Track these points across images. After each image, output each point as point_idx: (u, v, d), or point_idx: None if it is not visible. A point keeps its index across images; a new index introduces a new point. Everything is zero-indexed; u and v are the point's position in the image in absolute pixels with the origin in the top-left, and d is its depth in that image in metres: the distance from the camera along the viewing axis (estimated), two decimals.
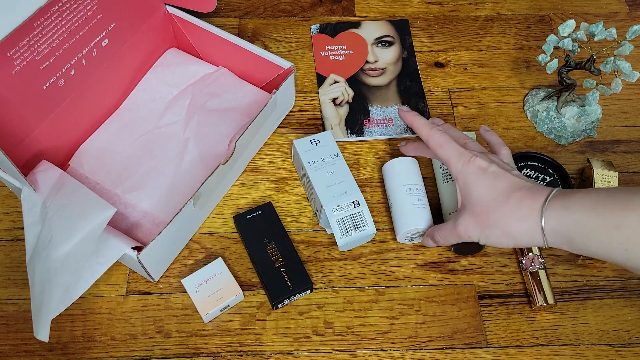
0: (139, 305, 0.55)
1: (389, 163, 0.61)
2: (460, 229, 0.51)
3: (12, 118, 0.54)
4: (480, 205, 0.49)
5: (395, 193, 0.59)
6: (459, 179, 0.51)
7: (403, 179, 0.59)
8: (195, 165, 0.62)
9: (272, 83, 0.66)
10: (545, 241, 0.45)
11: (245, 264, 0.58)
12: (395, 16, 0.78)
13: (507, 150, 0.55)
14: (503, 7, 0.80)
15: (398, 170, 0.60)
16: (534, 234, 0.46)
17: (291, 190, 0.63)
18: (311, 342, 0.54)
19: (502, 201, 0.47)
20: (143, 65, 0.68)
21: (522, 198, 0.47)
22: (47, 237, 0.50)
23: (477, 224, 0.49)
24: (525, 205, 0.46)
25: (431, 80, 0.72)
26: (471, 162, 0.50)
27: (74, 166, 0.62)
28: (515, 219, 0.47)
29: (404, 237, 0.58)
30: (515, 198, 0.47)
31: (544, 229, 0.45)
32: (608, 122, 0.69)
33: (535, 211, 0.45)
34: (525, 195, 0.47)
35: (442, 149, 0.52)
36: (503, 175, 0.49)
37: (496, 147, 0.56)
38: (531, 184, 0.48)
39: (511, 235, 0.47)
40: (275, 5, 0.79)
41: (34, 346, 0.53)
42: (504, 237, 0.48)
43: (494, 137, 0.57)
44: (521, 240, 0.47)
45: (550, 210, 0.45)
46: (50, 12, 0.51)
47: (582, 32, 0.61)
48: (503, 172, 0.49)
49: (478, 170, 0.49)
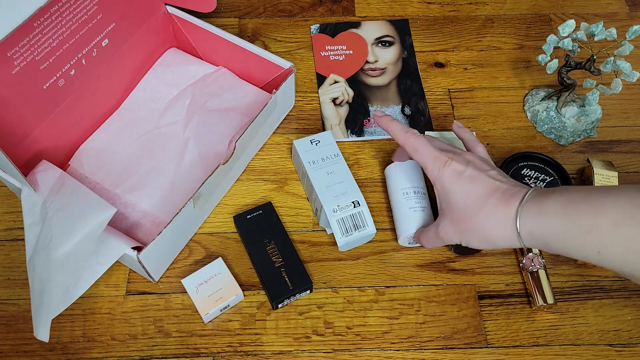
0: (139, 305, 0.55)
1: (388, 167, 0.61)
2: (442, 234, 0.51)
3: (12, 118, 0.54)
4: (458, 211, 0.49)
5: (393, 197, 0.59)
6: (436, 184, 0.51)
7: (401, 182, 0.59)
8: (195, 165, 0.62)
9: (272, 83, 0.66)
10: (523, 244, 0.46)
11: (245, 264, 0.58)
12: (395, 16, 0.78)
13: (482, 148, 0.54)
14: (503, 7, 0.80)
15: (396, 174, 0.60)
16: (511, 239, 0.46)
17: (291, 190, 0.63)
18: (311, 342, 0.54)
19: (478, 207, 0.47)
20: (143, 65, 0.68)
21: (497, 203, 0.46)
22: (47, 237, 0.50)
23: (457, 230, 0.49)
24: (501, 210, 0.46)
25: (431, 80, 0.72)
26: (447, 165, 0.49)
27: (74, 166, 0.62)
28: (492, 225, 0.47)
29: (406, 241, 0.58)
30: (491, 203, 0.47)
31: (520, 233, 0.45)
32: (608, 122, 0.69)
33: (510, 216, 0.45)
34: (500, 200, 0.46)
35: (418, 154, 0.51)
36: (479, 178, 0.48)
37: (470, 144, 0.55)
38: (506, 186, 0.47)
39: (490, 240, 0.47)
40: (275, 5, 0.79)
41: (34, 346, 0.53)
42: (483, 241, 0.48)
43: (467, 134, 0.56)
44: (500, 244, 0.47)
45: (524, 215, 0.45)
46: (50, 12, 0.51)
47: (582, 32, 0.61)
48: (479, 174, 0.48)
49: (454, 175, 0.49)
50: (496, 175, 0.49)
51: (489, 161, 0.53)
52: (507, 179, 0.49)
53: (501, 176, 0.49)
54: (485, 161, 0.51)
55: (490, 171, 0.50)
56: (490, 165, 0.51)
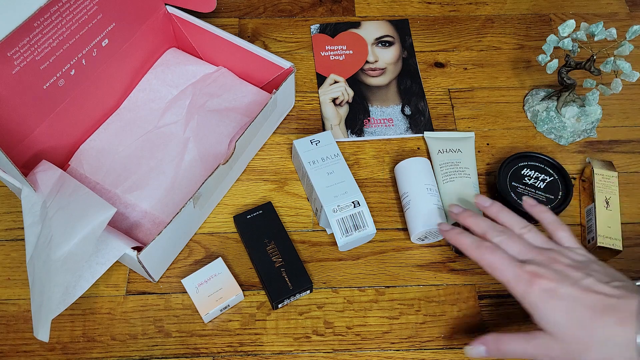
0: (139, 305, 0.55)
1: (407, 161, 0.61)
2: (542, 350, 0.45)
3: (12, 118, 0.54)
4: (561, 331, 0.44)
5: (415, 192, 0.59)
6: (524, 302, 0.45)
7: (423, 178, 0.59)
8: (195, 165, 0.62)
9: (272, 83, 0.66)
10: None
11: (245, 264, 0.58)
12: (395, 16, 0.78)
13: (565, 232, 0.49)
14: (503, 7, 0.80)
15: (419, 169, 0.60)
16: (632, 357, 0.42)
17: (291, 190, 0.63)
18: (311, 342, 0.54)
19: (587, 330, 0.42)
20: (143, 65, 0.68)
21: (611, 326, 0.42)
22: (47, 237, 0.50)
23: (563, 351, 0.44)
24: (617, 335, 0.42)
25: (431, 80, 0.72)
26: (534, 285, 0.44)
27: (74, 166, 0.62)
28: (608, 353, 0.42)
29: (419, 236, 0.58)
30: (604, 327, 0.42)
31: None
32: (608, 122, 0.69)
33: (631, 344, 0.41)
34: (614, 323, 0.42)
35: (497, 272, 0.47)
36: (577, 297, 0.43)
37: (550, 227, 0.50)
38: (614, 301, 0.42)
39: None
40: (275, 5, 0.79)
41: (34, 346, 0.53)
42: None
43: (545, 215, 0.51)
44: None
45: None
46: (50, 12, 0.51)
47: (582, 32, 0.61)
48: (574, 291, 0.43)
49: (545, 294, 0.44)
50: (594, 284, 0.44)
51: (575, 251, 0.48)
52: (607, 286, 0.44)
53: (600, 283, 0.44)
54: (576, 262, 0.46)
55: (586, 280, 0.44)
56: (581, 264, 0.46)
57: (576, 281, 0.44)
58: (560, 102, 0.66)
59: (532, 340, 0.45)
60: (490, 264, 0.47)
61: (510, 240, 0.48)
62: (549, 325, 0.44)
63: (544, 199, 0.59)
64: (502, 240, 0.48)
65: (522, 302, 0.46)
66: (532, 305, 0.45)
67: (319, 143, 0.60)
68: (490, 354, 0.48)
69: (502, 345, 0.47)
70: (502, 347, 0.47)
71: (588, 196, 0.61)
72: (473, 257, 0.49)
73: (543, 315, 0.44)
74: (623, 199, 0.63)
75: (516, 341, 0.46)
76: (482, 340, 0.48)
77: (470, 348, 0.49)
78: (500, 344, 0.47)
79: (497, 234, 0.49)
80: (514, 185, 0.60)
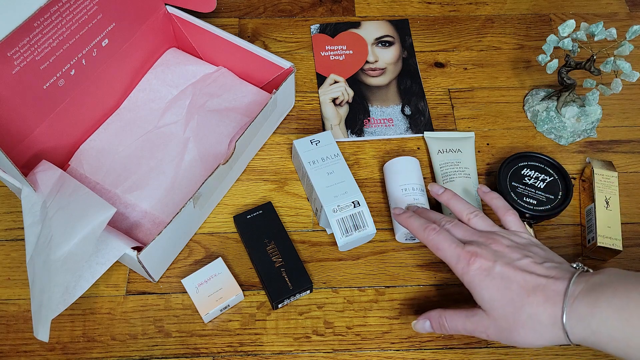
0: (139, 305, 0.55)
1: (388, 163, 0.61)
2: (478, 327, 0.47)
3: (12, 118, 0.54)
4: (495, 309, 0.45)
5: (392, 193, 0.59)
6: (463, 281, 0.48)
7: (400, 179, 0.59)
8: (195, 165, 0.62)
9: (272, 83, 0.66)
10: (573, 344, 0.43)
11: (245, 264, 0.58)
12: (395, 16, 0.78)
13: (512, 216, 0.51)
14: (503, 7, 0.80)
15: (395, 170, 0.60)
16: (560, 340, 0.43)
17: (291, 190, 0.63)
18: (311, 342, 0.54)
19: (517, 307, 0.44)
20: (143, 65, 0.68)
21: (538, 304, 0.43)
22: (47, 237, 0.50)
23: (497, 328, 0.46)
24: (544, 313, 0.43)
25: (431, 80, 0.72)
26: (471, 264, 0.46)
27: (74, 166, 0.62)
28: (537, 329, 0.43)
29: (404, 237, 0.58)
30: (532, 305, 0.43)
31: (570, 338, 0.42)
32: (608, 122, 0.69)
33: (557, 320, 0.42)
34: (542, 302, 0.43)
35: (440, 252, 0.49)
36: (510, 276, 0.45)
37: (499, 212, 0.52)
38: (544, 280, 0.44)
39: (536, 344, 0.44)
40: (275, 5, 0.79)
41: (34, 346, 0.53)
42: (528, 345, 0.45)
43: (495, 201, 0.53)
44: (548, 345, 0.44)
45: (574, 322, 0.42)
46: (50, 12, 0.51)
47: (582, 32, 0.61)
48: (509, 270, 0.45)
49: (481, 273, 0.46)
50: (529, 264, 0.45)
51: (518, 234, 0.50)
52: (542, 266, 0.45)
53: (534, 264, 0.45)
54: (516, 244, 0.48)
55: (522, 260, 0.46)
56: (520, 246, 0.48)
57: (512, 261, 0.46)
58: (560, 102, 0.66)
59: (471, 317, 0.47)
60: (435, 244, 0.49)
61: (456, 226, 0.51)
62: (483, 302, 0.46)
63: (544, 199, 0.59)
64: (449, 227, 0.51)
65: (462, 281, 0.48)
66: (470, 284, 0.47)
67: (319, 143, 0.60)
68: (435, 329, 0.50)
69: (445, 321, 0.49)
70: (445, 323, 0.49)
71: (588, 196, 0.61)
72: (420, 238, 0.51)
73: (478, 293, 0.46)
74: (623, 199, 0.63)
75: (457, 317, 0.48)
76: (427, 315, 0.51)
77: (416, 322, 0.52)
78: (443, 319, 0.49)
79: (445, 222, 0.52)
80: (514, 185, 0.60)
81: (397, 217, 0.55)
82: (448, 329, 0.49)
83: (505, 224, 0.52)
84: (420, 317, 0.51)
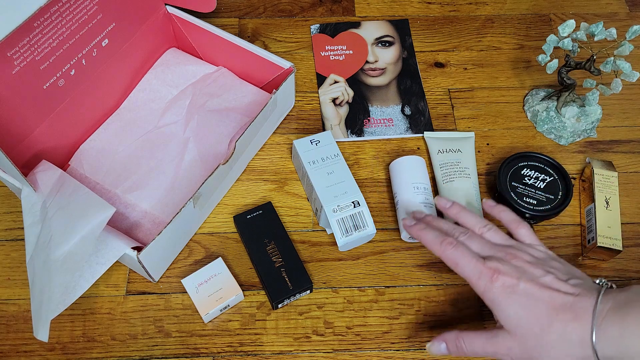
0: (139, 305, 0.55)
1: (398, 160, 0.61)
2: (501, 349, 0.45)
3: (12, 118, 0.54)
4: (520, 327, 0.44)
5: (401, 192, 0.59)
6: (485, 298, 0.46)
7: (411, 176, 0.59)
8: (195, 165, 0.62)
9: (272, 83, 0.66)
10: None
11: (245, 264, 0.58)
12: (395, 16, 0.78)
13: (525, 229, 0.50)
14: (503, 7, 0.80)
15: (406, 168, 0.60)
16: (589, 358, 0.42)
17: (291, 190, 0.63)
18: (311, 342, 0.54)
19: (544, 327, 0.43)
20: (143, 65, 0.68)
21: (566, 322, 0.42)
22: (47, 237, 0.50)
23: (521, 348, 0.44)
24: (572, 331, 0.42)
25: (431, 80, 0.72)
26: (494, 281, 0.44)
27: (74, 166, 0.62)
28: (565, 348, 0.42)
29: (408, 236, 0.58)
30: (559, 324, 0.42)
31: (599, 356, 0.41)
32: (608, 122, 0.69)
33: (586, 339, 0.41)
34: (570, 320, 0.42)
35: (459, 268, 0.47)
36: (536, 293, 0.44)
37: (510, 226, 0.51)
38: (571, 299, 0.43)
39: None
40: (275, 5, 0.79)
41: (34, 346, 0.53)
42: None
43: (504, 214, 0.52)
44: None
45: (603, 339, 0.41)
46: (50, 12, 0.51)
47: (582, 32, 0.61)
48: (534, 288, 0.44)
49: (505, 291, 0.44)
50: (553, 281, 0.44)
51: (535, 247, 0.48)
52: (567, 284, 0.44)
53: (558, 281, 0.44)
54: (536, 259, 0.47)
55: (545, 277, 0.45)
56: (541, 261, 0.46)
57: (535, 278, 0.45)
58: (560, 102, 0.66)
59: (493, 338, 0.45)
60: (453, 259, 0.47)
61: (471, 238, 0.49)
62: (508, 320, 0.44)
63: (544, 199, 0.59)
64: (464, 240, 0.49)
65: (483, 298, 0.46)
66: (493, 302, 0.45)
67: (319, 143, 0.60)
68: (451, 351, 0.48)
69: (463, 343, 0.47)
70: (463, 346, 0.47)
71: (588, 196, 0.61)
72: (436, 252, 0.49)
73: (503, 311, 0.44)
74: (623, 199, 0.63)
75: (477, 340, 0.46)
76: (443, 337, 0.48)
77: (431, 344, 0.49)
78: (461, 342, 0.47)
79: (459, 233, 0.50)
80: (514, 185, 0.60)
81: (409, 229, 0.52)
82: (466, 352, 0.47)
83: (518, 237, 0.50)
84: (435, 338, 0.49)
